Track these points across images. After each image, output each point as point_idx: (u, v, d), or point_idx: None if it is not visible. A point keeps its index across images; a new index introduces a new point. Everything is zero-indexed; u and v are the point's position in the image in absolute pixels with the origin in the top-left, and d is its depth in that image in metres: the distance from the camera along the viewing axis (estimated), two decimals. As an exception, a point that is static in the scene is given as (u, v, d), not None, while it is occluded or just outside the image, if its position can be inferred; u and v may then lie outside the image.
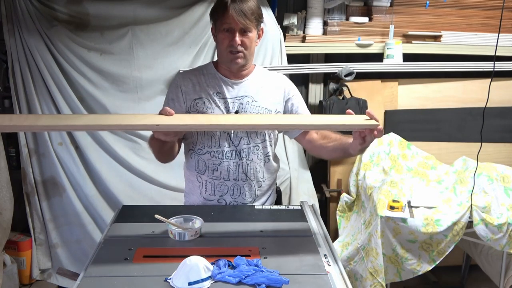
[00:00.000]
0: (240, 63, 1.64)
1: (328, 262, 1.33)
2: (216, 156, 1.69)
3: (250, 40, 1.62)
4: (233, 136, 1.67)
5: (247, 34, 1.61)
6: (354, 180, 2.83)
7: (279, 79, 1.77)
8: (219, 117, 1.61)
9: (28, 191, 2.79)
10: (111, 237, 1.47)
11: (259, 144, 1.70)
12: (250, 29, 1.61)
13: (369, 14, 2.94)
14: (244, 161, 1.69)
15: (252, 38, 1.63)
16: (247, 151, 1.69)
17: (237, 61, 1.63)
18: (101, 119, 1.44)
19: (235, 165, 1.69)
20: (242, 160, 1.69)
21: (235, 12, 1.55)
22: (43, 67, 2.63)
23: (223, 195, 1.73)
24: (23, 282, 2.86)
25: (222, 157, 1.69)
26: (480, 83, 3.03)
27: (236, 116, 1.62)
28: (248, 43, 1.62)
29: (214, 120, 1.49)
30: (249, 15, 1.57)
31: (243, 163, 1.69)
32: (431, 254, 2.33)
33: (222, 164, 1.69)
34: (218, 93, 1.69)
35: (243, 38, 1.60)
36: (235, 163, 1.69)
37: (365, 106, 2.84)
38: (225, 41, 1.61)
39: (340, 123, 1.55)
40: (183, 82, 1.71)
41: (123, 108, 2.74)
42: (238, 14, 1.55)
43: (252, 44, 1.64)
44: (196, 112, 1.68)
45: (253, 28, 1.62)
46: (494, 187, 2.42)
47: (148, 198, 2.83)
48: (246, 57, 1.64)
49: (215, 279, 1.18)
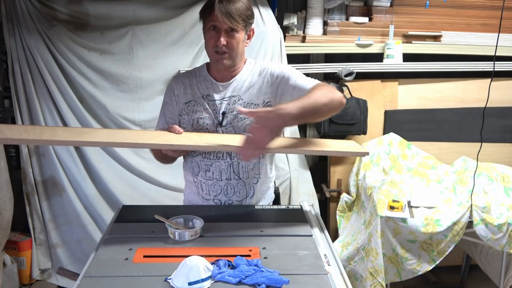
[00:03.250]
0: (226, 64, 1.63)
1: (328, 262, 1.33)
2: (207, 157, 1.70)
3: (237, 41, 1.60)
4: None
5: (233, 34, 1.59)
6: (354, 180, 2.83)
7: (262, 67, 1.71)
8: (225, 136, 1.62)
9: (28, 191, 2.79)
10: (111, 237, 1.47)
11: None
12: (237, 30, 1.59)
13: (369, 14, 2.94)
14: (235, 160, 1.69)
15: (239, 39, 1.61)
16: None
17: (223, 62, 1.62)
18: (117, 135, 1.48)
19: (226, 165, 1.69)
20: (233, 160, 1.69)
21: (220, 13, 1.53)
22: (43, 67, 2.63)
23: (217, 195, 1.74)
24: (23, 282, 2.86)
25: (214, 157, 1.69)
26: (480, 83, 3.03)
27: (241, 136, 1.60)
28: (234, 44, 1.60)
29: (221, 140, 1.52)
30: (235, 16, 1.55)
31: (234, 162, 1.69)
32: (431, 254, 2.33)
33: (213, 165, 1.70)
34: (207, 95, 1.69)
35: (229, 39, 1.58)
36: (226, 163, 1.69)
37: (365, 106, 2.84)
38: (211, 41, 1.61)
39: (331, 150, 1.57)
40: (176, 86, 1.73)
41: (123, 108, 2.74)
42: (224, 15, 1.53)
43: (239, 45, 1.62)
44: (186, 115, 1.69)
45: (240, 29, 1.59)
46: (494, 187, 2.42)
47: (148, 198, 2.83)
48: (232, 58, 1.63)
49: (215, 279, 1.18)
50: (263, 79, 1.68)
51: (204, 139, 1.55)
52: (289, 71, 1.66)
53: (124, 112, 2.75)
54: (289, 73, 1.65)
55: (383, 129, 3.01)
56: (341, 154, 1.56)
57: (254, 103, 1.67)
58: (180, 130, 1.55)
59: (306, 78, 1.63)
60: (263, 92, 1.67)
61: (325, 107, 1.44)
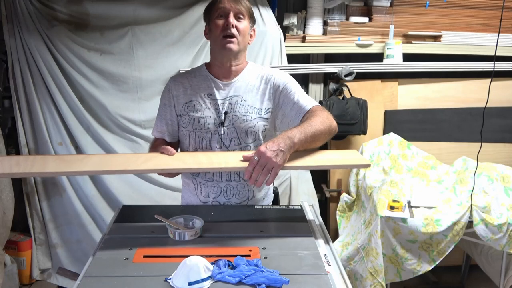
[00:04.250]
0: (233, 50, 1.63)
1: (328, 262, 1.33)
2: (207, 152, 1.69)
3: (244, 27, 1.64)
4: (224, 137, 1.67)
5: (240, 21, 1.63)
6: (354, 180, 2.83)
7: (268, 74, 1.72)
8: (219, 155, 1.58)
9: (28, 191, 2.79)
10: (111, 237, 1.47)
11: (250, 144, 1.68)
12: (244, 17, 1.63)
13: (369, 14, 2.94)
14: None
15: (246, 26, 1.65)
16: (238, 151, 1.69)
17: (230, 46, 1.61)
18: (108, 162, 1.47)
19: None
20: None
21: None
22: (43, 67, 2.63)
23: (217, 197, 1.73)
24: (23, 282, 2.86)
25: None
26: (480, 83, 3.03)
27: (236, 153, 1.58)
28: (242, 29, 1.63)
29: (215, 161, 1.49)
30: (242, 3, 1.63)
31: None
32: (431, 254, 2.33)
33: None
34: (209, 95, 1.69)
35: (237, 24, 1.62)
36: None
37: (365, 106, 2.84)
38: (219, 28, 1.62)
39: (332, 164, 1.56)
40: (174, 87, 1.72)
41: (123, 108, 2.75)
42: (231, 0, 1.61)
43: (246, 33, 1.65)
44: (187, 115, 1.68)
45: (247, 18, 1.65)
46: (494, 187, 2.42)
47: (148, 198, 2.83)
48: (240, 45, 1.64)
49: (215, 279, 1.18)
50: (267, 86, 1.70)
51: (197, 159, 1.52)
52: (292, 84, 1.70)
53: (124, 112, 2.75)
54: (292, 86, 1.69)
55: (383, 129, 3.01)
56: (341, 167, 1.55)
57: (257, 107, 1.68)
58: (173, 151, 1.51)
59: (306, 97, 1.67)
60: (267, 98, 1.69)
61: (323, 135, 1.52)
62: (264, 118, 1.68)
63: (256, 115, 1.67)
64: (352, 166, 1.53)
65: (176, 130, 1.75)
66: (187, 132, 1.69)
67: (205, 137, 1.67)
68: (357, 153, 1.57)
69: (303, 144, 1.45)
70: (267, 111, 1.69)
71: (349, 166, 1.54)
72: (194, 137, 1.69)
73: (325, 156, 1.54)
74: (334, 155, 1.61)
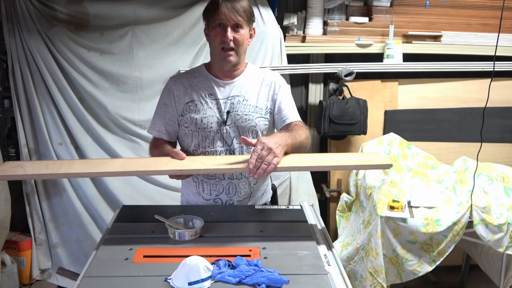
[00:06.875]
0: (232, 61, 1.65)
1: (328, 262, 1.33)
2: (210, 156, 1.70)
3: (242, 37, 1.64)
4: (226, 136, 1.69)
5: (239, 31, 1.63)
6: (354, 180, 2.83)
7: (269, 76, 1.76)
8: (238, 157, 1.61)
9: (28, 191, 2.79)
10: (111, 237, 1.47)
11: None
12: (242, 26, 1.63)
13: (369, 14, 2.94)
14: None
15: (244, 35, 1.65)
16: (240, 150, 1.70)
17: (229, 59, 1.64)
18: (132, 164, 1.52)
19: None
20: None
21: (226, 9, 1.59)
22: (43, 67, 2.63)
23: (219, 195, 1.74)
24: (23, 282, 2.86)
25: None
26: (480, 83, 3.03)
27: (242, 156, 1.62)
28: (240, 40, 1.63)
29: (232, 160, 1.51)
30: (240, 12, 1.60)
31: None
32: (431, 254, 2.33)
33: None
34: (210, 95, 1.70)
35: (235, 35, 1.62)
36: None
37: (365, 106, 2.84)
38: (217, 38, 1.63)
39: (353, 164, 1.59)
40: (175, 87, 1.72)
41: (123, 108, 2.75)
42: (230, 11, 1.59)
43: (244, 42, 1.66)
44: (188, 114, 1.69)
45: (245, 25, 1.64)
46: (494, 187, 2.42)
47: (148, 198, 2.83)
48: (238, 55, 1.65)
49: (215, 279, 1.18)
50: (269, 87, 1.73)
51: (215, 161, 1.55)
52: (287, 92, 1.78)
53: (124, 112, 2.75)
54: (286, 93, 1.76)
55: (383, 129, 3.01)
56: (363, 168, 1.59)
57: (258, 107, 1.71)
58: (183, 155, 1.52)
59: (294, 108, 1.76)
60: (268, 99, 1.73)
61: (303, 150, 1.61)
62: (265, 117, 1.72)
63: (258, 115, 1.70)
64: (374, 167, 1.54)
65: (175, 130, 1.75)
66: (190, 132, 1.70)
67: (208, 136, 1.69)
68: (379, 154, 1.58)
69: (290, 149, 1.51)
70: (268, 111, 1.73)
71: (371, 166, 1.55)
72: (197, 136, 1.70)
73: (346, 157, 1.57)
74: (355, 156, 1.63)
